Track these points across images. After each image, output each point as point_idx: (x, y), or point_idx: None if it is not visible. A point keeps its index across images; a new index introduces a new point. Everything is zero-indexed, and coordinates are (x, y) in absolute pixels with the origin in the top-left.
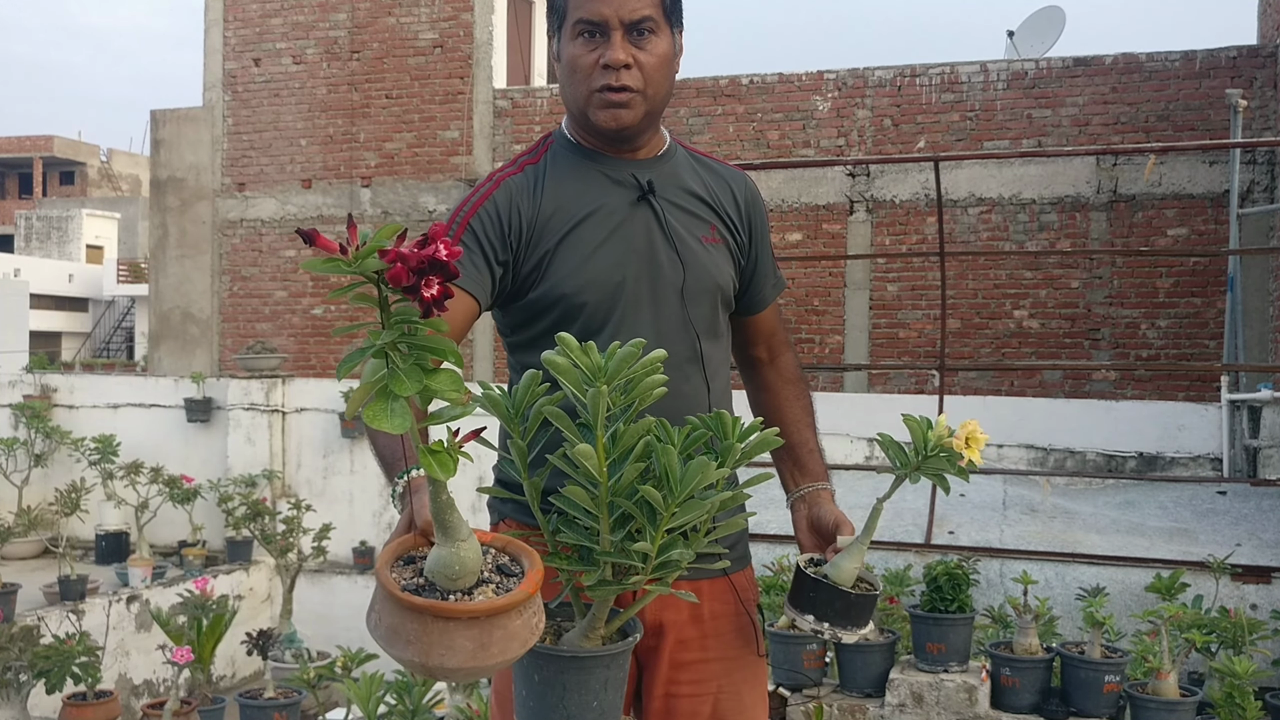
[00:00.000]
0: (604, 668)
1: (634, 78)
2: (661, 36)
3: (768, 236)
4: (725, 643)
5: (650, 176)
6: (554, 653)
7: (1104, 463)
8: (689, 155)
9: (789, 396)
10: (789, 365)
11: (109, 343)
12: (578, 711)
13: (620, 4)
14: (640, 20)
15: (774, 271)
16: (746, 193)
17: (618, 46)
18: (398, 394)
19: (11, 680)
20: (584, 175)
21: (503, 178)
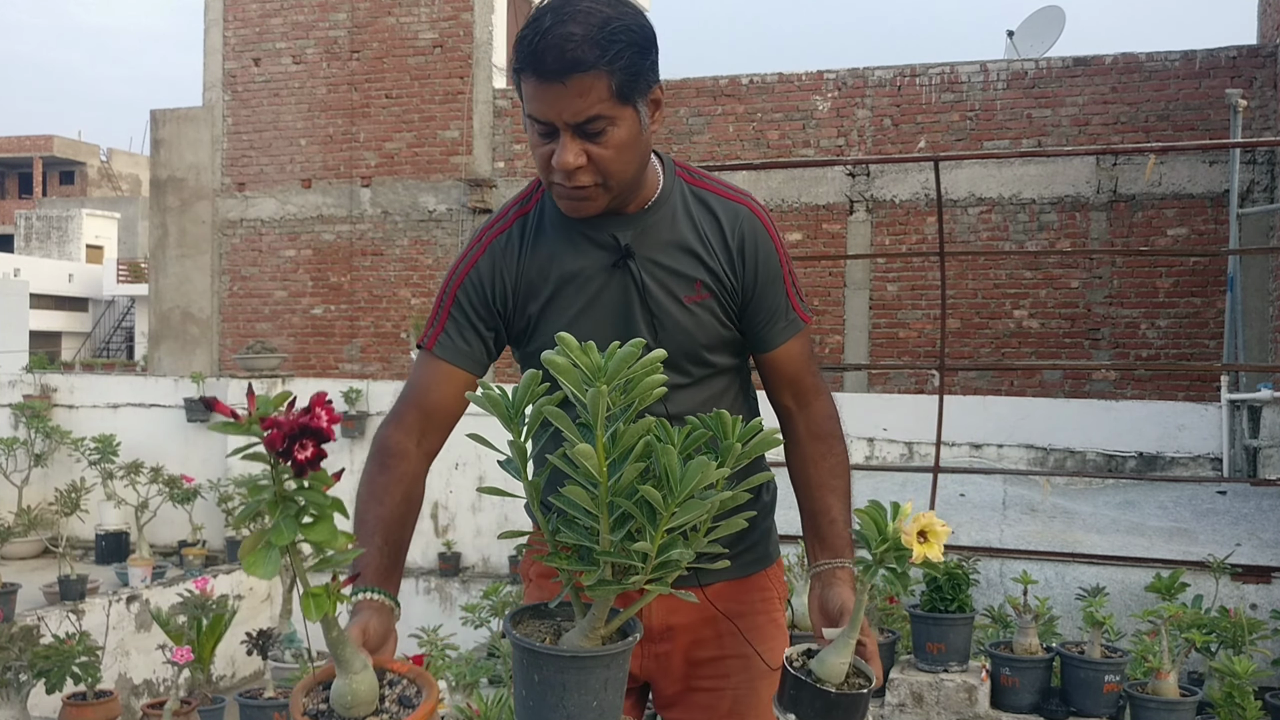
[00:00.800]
0: (604, 668)
1: (588, 175)
2: (619, 124)
3: (776, 273)
4: (741, 641)
5: (631, 237)
6: (554, 653)
7: (1104, 462)
8: (688, 192)
9: (814, 455)
10: (818, 418)
11: (109, 342)
12: (578, 711)
13: (563, 107)
14: (587, 121)
15: (785, 312)
16: (743, 230)
17: (567, 149)
18: (273, 544)
19: (11, 680)
20: (566, 235)
21: (490, 239)
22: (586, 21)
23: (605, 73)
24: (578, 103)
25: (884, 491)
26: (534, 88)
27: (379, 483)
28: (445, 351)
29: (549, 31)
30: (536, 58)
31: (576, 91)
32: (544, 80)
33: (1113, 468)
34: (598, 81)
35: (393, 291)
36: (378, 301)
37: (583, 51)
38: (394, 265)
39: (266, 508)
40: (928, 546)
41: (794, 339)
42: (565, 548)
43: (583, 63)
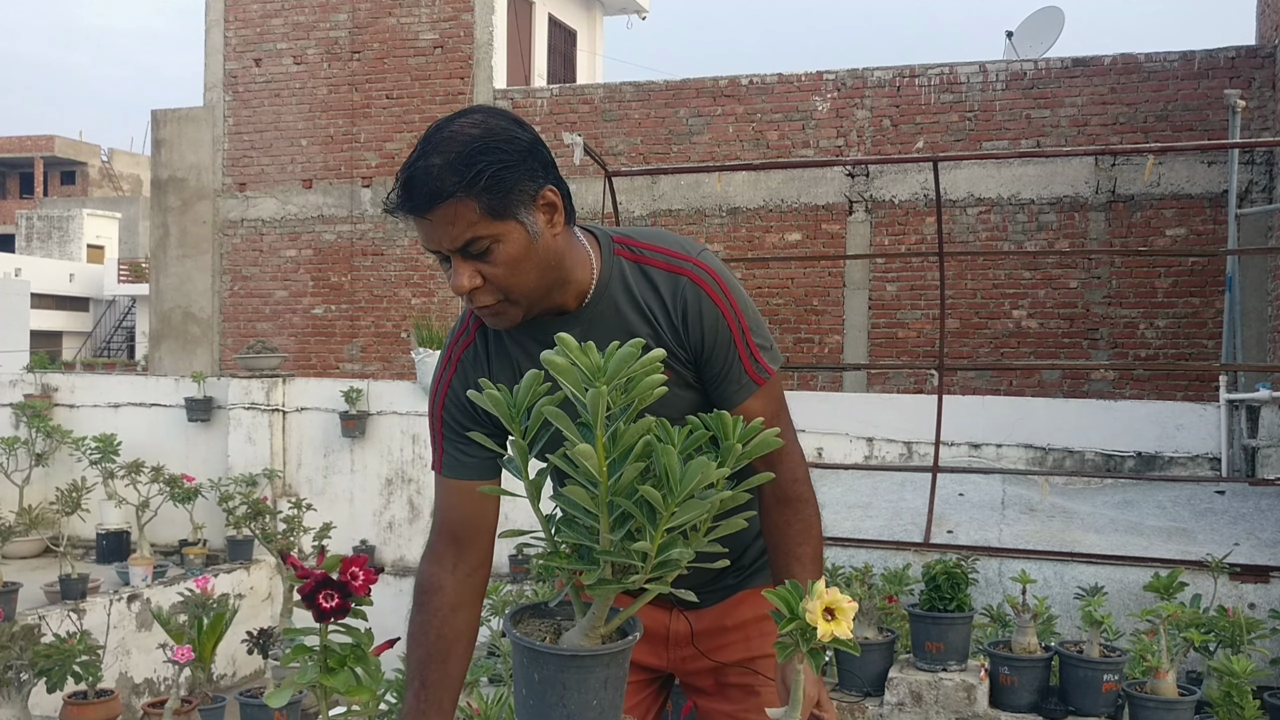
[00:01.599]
0: (604, 667)
1: (488, 294)
2: (504, 241)
3: (724, 337)
4: (769, 642)
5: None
6: (554, 651)
7: (1102, 462)
8: (628, 270)
9: (781, 521)
10: (784, 481)
11: (110, 342)
12: (578, 710)
13: (439, 236)
14: (467, 244)
15: (738, 375)
16: (685, 299)
17: (459, 273)
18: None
19: (12, 679)
20: (521, 341)
21: (459, 355)
22: (448, 149)
23: (468, 197)
24: (450, 230)
25: (883, 491)
26: (415, 223)
27: (416, 623)
28: (453, 471)
29: (414, 165)
30: (404, 193)
31: (445, 220)
32: (413, 214)
33: (1111, 467)
34: (462, 206)
35: (393, 291)
36: (378, 301)
37: (441, 182)
38: (395, 265)
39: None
40: (835, 624)
41: (752, 398)
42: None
43: (441, 193)
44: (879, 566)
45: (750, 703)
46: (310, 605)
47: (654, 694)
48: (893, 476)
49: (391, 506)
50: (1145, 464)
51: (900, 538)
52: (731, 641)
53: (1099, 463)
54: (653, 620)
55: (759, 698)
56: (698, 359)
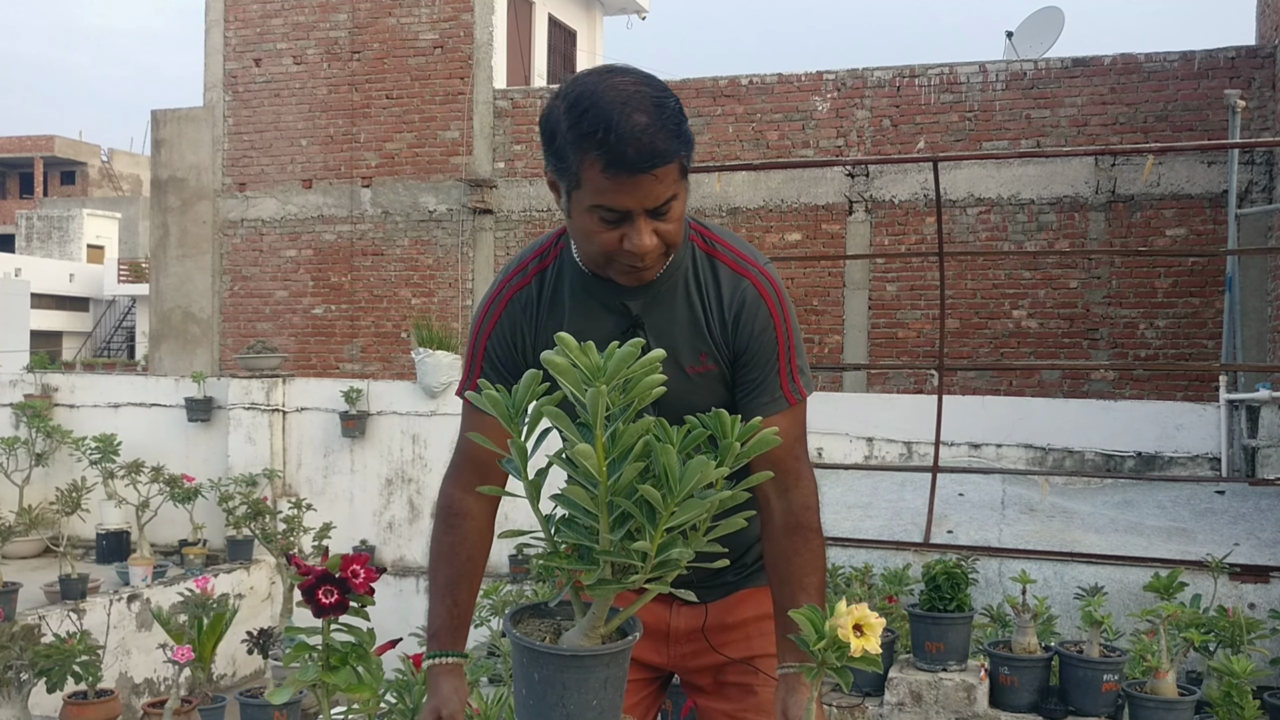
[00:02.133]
0: (604, 666)
1: (656, 254)
2: (680, 198)
3: (768, 350)
4: (769, 641)
5: (640, 306)
6: (554, 651)
7: (1102, 462)
8: (700, 258)
9: (789, 549)
10: (797, 508)
11: (110, 342)
12: (578, 710)
13: (645, 195)
14: (666, 202)
15: (771, 389)
16: (742, 300)
17: (643, 233)
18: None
19: (12, 679)
20: (580, 299)
21: (510, 294)
22: (646, 107)
23: (681, 157)
24: (657, 189)
25: (883, 491)
26: (614, 181)
27: (445, 543)
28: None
29: (622, 127)
30: (619, 155)
31: (660, 177)
32: (632, 173)
33: (1111, 467)
34: (673, 169)
35: (393, 291)
36: (378, 301)
37: (661, 142)
38: (394, 265)
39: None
40: (865, 639)
41: (778, 416)
42: (566, 546)
43: (666, 154)
44: (879, 566)
45: (749, 702)
46: (310, 601)
47: (654, 693)
48: (893, 476)
49: (391, 506)
50: (1145, 464)
51: (900, 538)
52: (733, 640)
53: (1099, 463)
54: (653, 616)
55: (757, 697)
56: (735, 360)
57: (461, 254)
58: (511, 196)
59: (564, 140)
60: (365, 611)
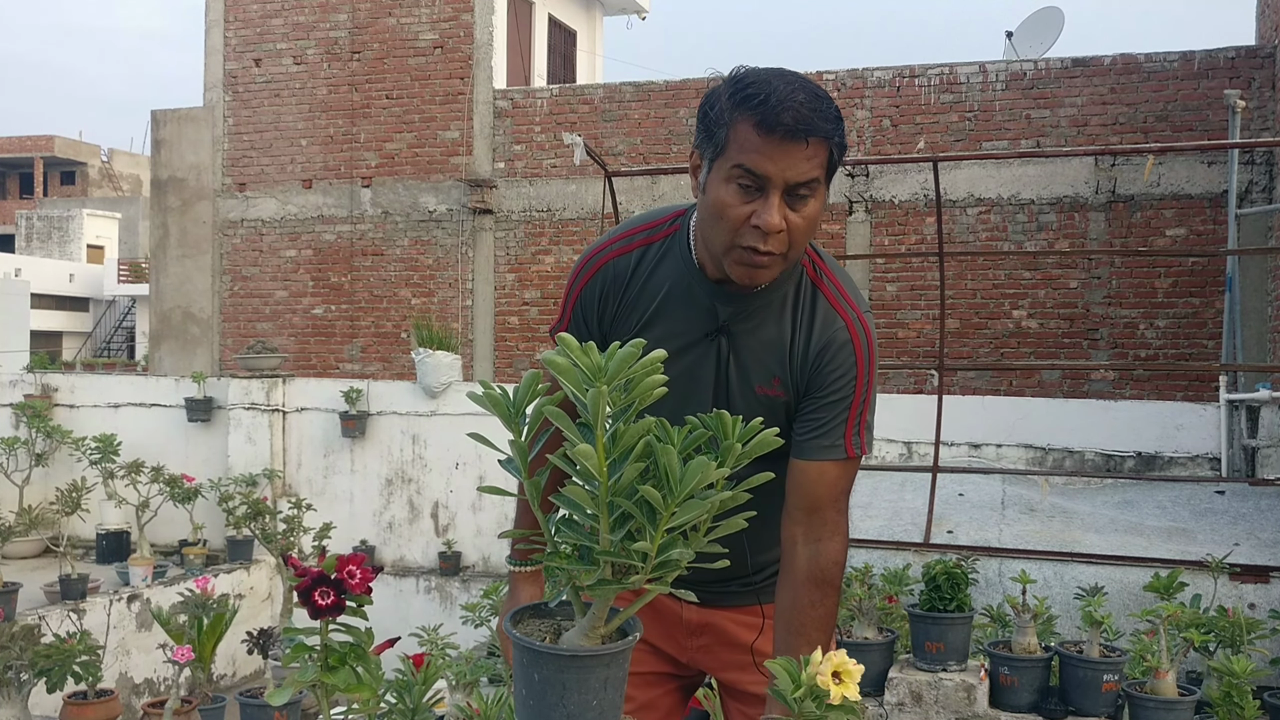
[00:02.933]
0: (604, 667)
1: (781, 242)
2: (817, 198)
3: (843, 396)
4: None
5: (731, 313)
6: (554, 652)
7: (1102, 462)
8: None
9: (807, 601)
10: (825, 562)
11: (110, 342)
12: (578, 711)
13: (790, 164)
14: (805, 183)
15: (834, 434)
16: (829, 340)
17: (775, 209)
18: (297, 681)
19: (12, 679)
20: (676, 287)
21: (607, 258)
22: (812, 93)
23: (831, 144)
24: (804, 165)
25: (883, 491)
26: (765, 142)
27: None
28: None
29: (787, 96)
30: (775, 116)
31: (807, 154)
32: (784, 138)
33: (1111, 467)
34: (822, 150)
35: (393, 292)
36: (378, 302)
37: (819, 120)
38: (394, 265)
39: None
40: (843, 686)
41: (831, 464)
42: None
43: (820, 129)
44: (879, 566)
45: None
46: (306, 603)
47: (675, 691)
48: (893, 476)
49: (391, 507)
50: (1145, 464)
51: (900, 538)
52: (733, 661)
53: (1099, 463)
54: (665, 607)
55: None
56: (806, 394)
57: (461, 254)
58: (511, 196)
59: (721, 107)
60: (363, 612)
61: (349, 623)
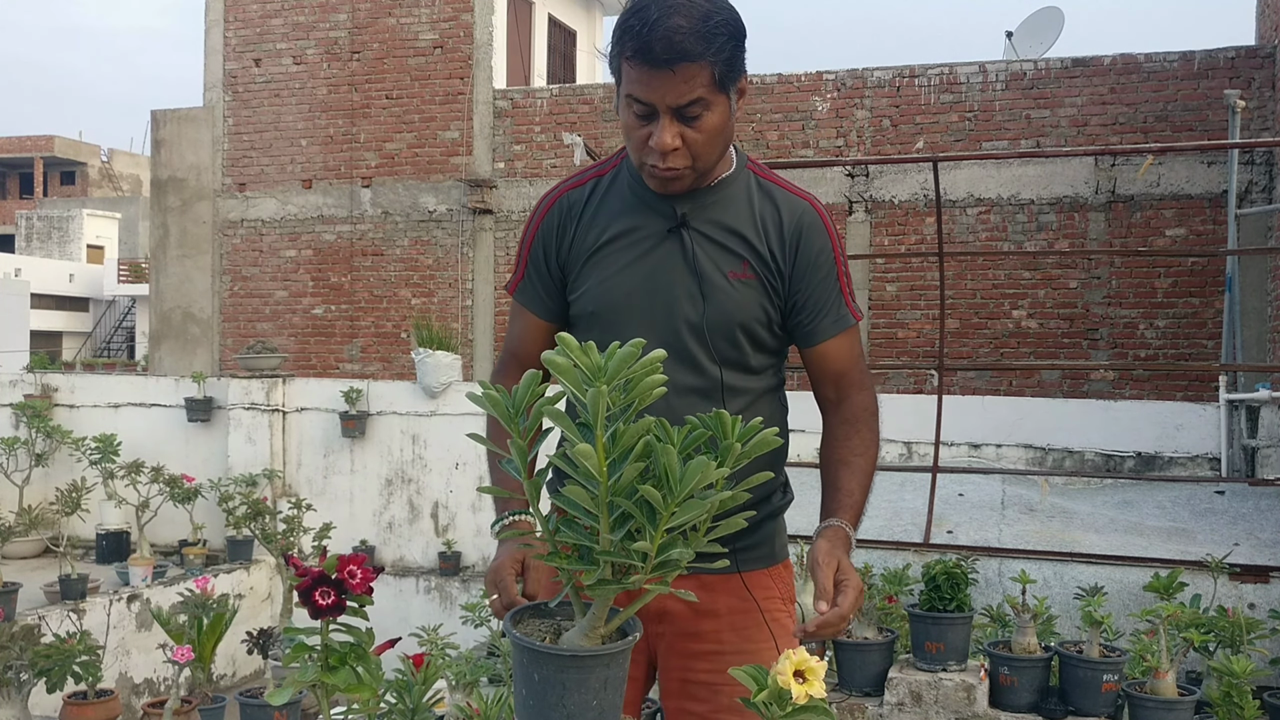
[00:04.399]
0: (604, 667)
1: (681, 157)
2: (714, 110)
3: (830, 269)
4: (743, 637)
5: (689, 208)
6: (554, 652)
7: (1102, 462)
8: (754, 182)
9: (841, 435)
10: (854, 407)
11: (110, 342)
12: (578, 711)
13: (667, 90)
14: (688, 105)
15: (836, 307)
16: (801, 224)
17: (665, 130)
18: (297, 680)
19: (12, 679)
20: (630, 199)
21: (561, 192)
22: (690, 14)
23: (709, 63)
24: (682, 88)
25: (883, 491)
26: (641, 73)
27: None
28: (526, 299)
29: (657, 24)
30: (646, 47)
31: (682, 78)
32: (654, 67)
33: (1111, 467)
34: (701, 70)
35: (393, 292)
36: (378, 302)
37: (690, 43)
38: (394, 265)
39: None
40: (808, 684)
41: (841, 335)
42: (565, 546)
43: (690, 53)
44: (879, 566)
45: (717, 702)
46: (306, 603)
47: (642, 675)
48: (893, 476)
49: (391, 507)
50: (1145, 464)
51: (900, 538)
52: (707, 630)
53: (1099, 463)
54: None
55: (725, 698)
56: (795, 283)
57: (461, 254)
58: (511, 196)
59: (613, 43)
60: (364, 611)
61: (349, 623)
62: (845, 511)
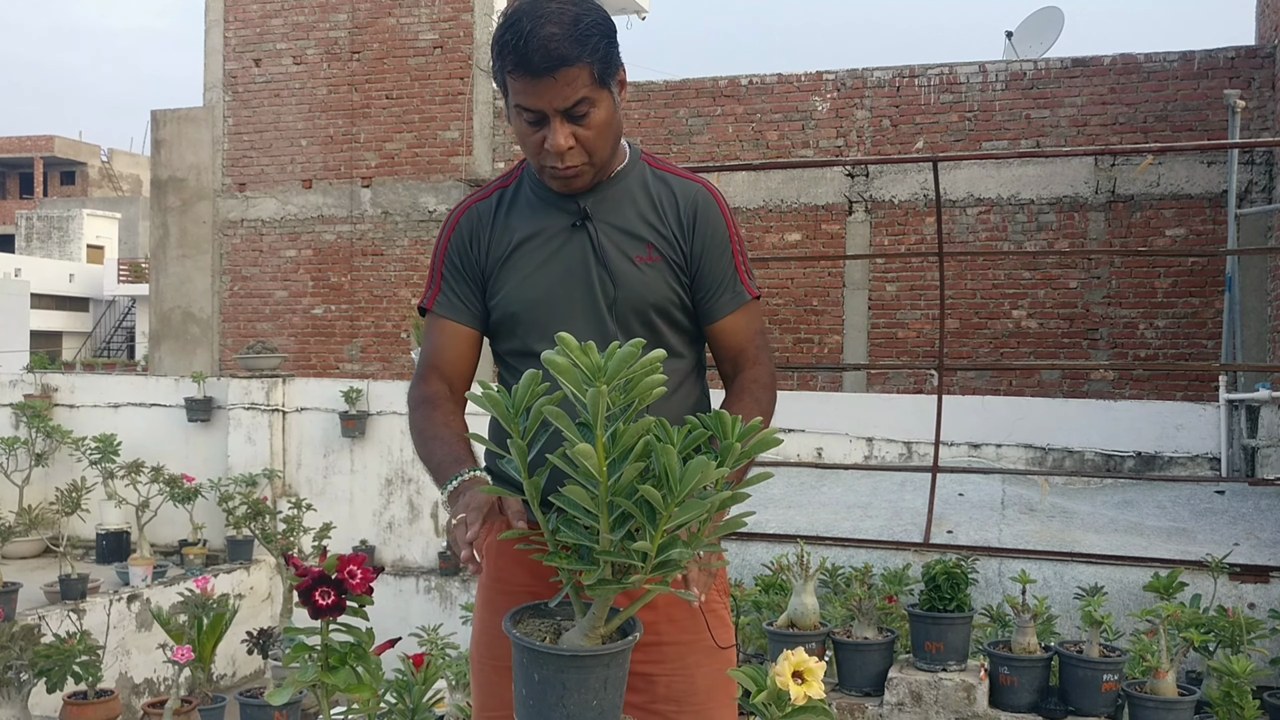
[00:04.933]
0: (604, 667)
1: (577, 155)
2: (599, 106)
3: (725, 247)
4: (680, 628)
5: (590, 202)
6: (554, 652)
7: (1102, 462)
8: (649, 172)
9: (725, 404)
10: (745, 379)
11: (110, 342)
12: (578, 711)
13: (552, 95)
14: (574, 105)
15: (733, 284)
16: (696, 204)
17: (558, 132)
18: (297, 680)
19: (12, 679)
20: (534, 203)
21: (468, 205)
22: (561, 20)
23: (586, 64)
24: (565, 91)
25: (883, 491)
26: (524, 83)
27: (438, 416)
28: (445, 309)
29: (531, 35)
30: (525, 59)
31: (564, 82)
32: (535, 76)
33: (1111, 467)
34: (580, 72)
35: (393, 292)
36: (378, 302)
37: (566, 48)
38: (394, 265)
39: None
40: (806, 685)
41: (739, 312)
42: (565, 547)
43: (568, 58)
44: (879, 566)
45: (654, 693)
46: (306, 602)
47: None
48: (892, 476)
49: (391, 506)
50: (1145, 464)
51: (900, 538)
52: (645, 621)
53: (1099, 463)
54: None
55: (661, 688)
56: (694, 262)
57: None
58: None
59: (494, 52)
60: (364, 611)
61: (349, 623)
62: None
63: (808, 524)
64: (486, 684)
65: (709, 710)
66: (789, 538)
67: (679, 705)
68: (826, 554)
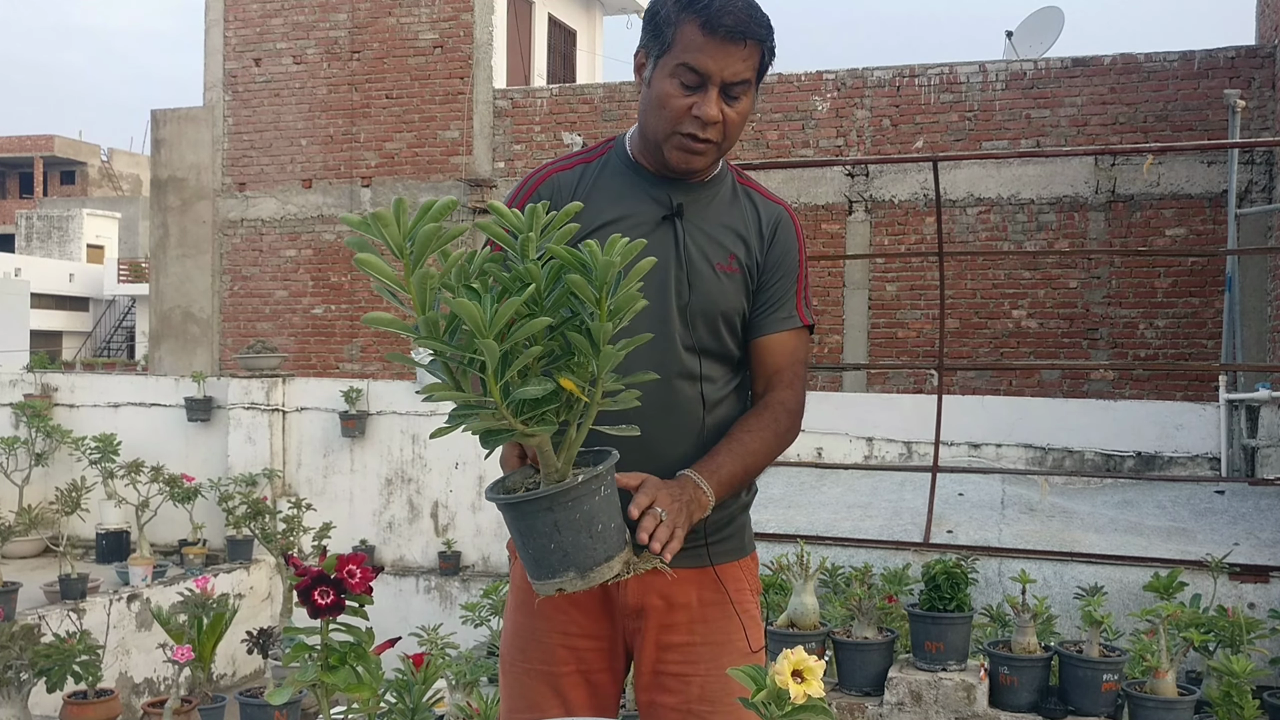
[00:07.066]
0: (578, 499)
1: (718, 133)
2: (749, 95)
3: (793, 270)
4: (714, 629)
5: (683, 200)
6: (532, 497)
7: (1102, 462)
8: (736, 184)
9: (743, 415)
10: (771, 398)
11: (110, 342)
12: (573, 547)
13: (727, 64)
14: (739, 82)
15: (788, 306)
16: (777, 224)
17: (714, 102)
18: (297, 680)
19: (12, 679)
20: (626, 185)
21: (550, 172)
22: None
23: (764, 49)
24: (740, 65)
25: (883, 491)
26: (708, 41)
27: None
28: None
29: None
30: (720, 16)
31: (743, 55)
32: (725, 39)
33: (1111, 467)
34: (755, 53)
35: None
36: (378, 301)
37: (756, 25)
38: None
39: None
40: (806, 684)
41: (789, 333)
42: None
43: (757, 33)
44: (879, 566)
45: (689, 693)
46: (306, 602)
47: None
48: (892, 476)
49: (391, 506)
50: (1145, 464)
51: (900, 538)
52: (679, 622)
53: (1099, 462)
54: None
55: (695, 688)
56: (763, 274)
57: None
58: None
59: (669, 10)
60: (364, 611)
61: (349, 622)
62: (704, 469)
63: (808, 524)
64: (516, 685)
65: (742, 712)
66: (789, 537)
67: (713, 706)
68: (826, 554)
